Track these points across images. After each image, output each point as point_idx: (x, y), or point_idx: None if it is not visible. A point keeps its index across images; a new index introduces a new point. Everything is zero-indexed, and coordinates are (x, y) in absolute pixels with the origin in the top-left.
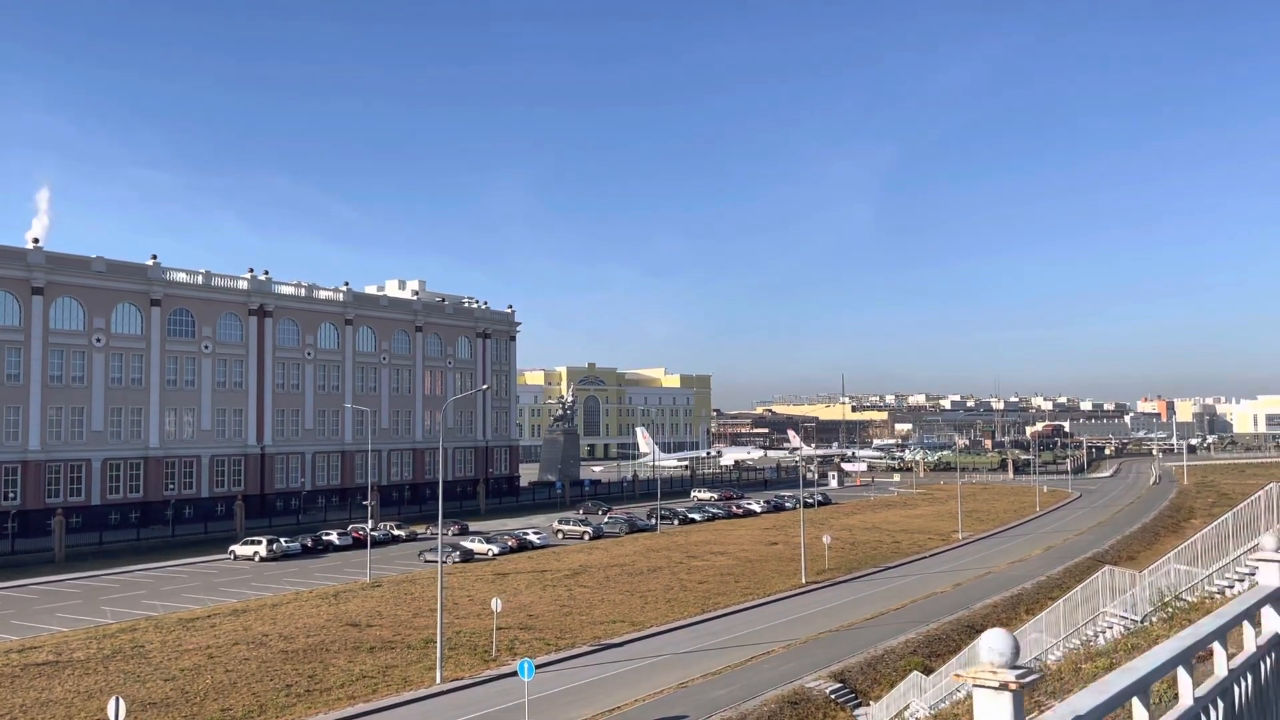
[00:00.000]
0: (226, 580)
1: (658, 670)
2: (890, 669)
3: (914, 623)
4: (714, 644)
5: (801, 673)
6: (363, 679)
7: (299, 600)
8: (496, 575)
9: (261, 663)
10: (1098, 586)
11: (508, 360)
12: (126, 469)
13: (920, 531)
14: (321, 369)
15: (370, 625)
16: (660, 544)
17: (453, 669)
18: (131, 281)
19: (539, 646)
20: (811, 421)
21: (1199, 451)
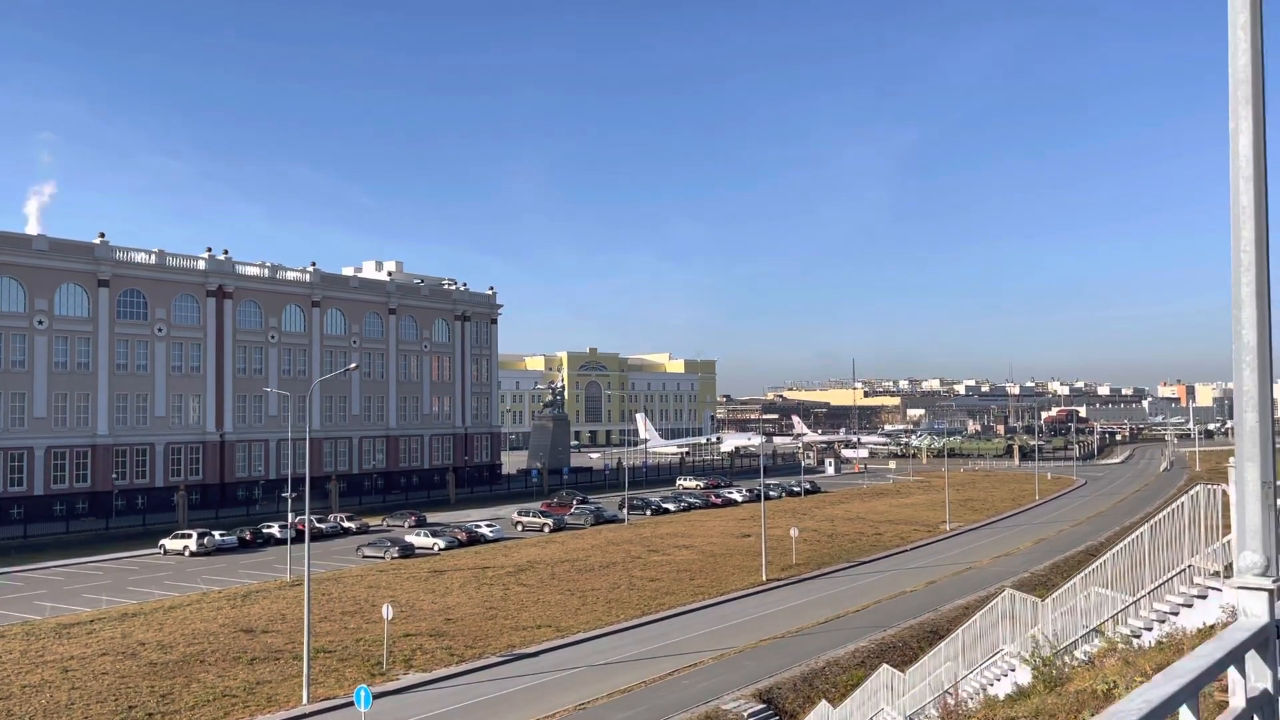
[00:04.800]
0: (141, 578)
1: (562, 686)
2: (829, 684)
3: (871, 627)
4: (640, 653)
5: (724, 690)
6: (223, 698)
7: (202, 602)
8: (432, 573)
9: (119, 678)
10: (996, 615)
11: (489, 344)
12: (72, 457)
13: (907, 522)
14: (287, 353)
15: (266, 632)
16: (623, 537)
17: (332, 685)
18: (77, 261)
19: (442, 657)
20: (823, 407)
21: (1216, 437)
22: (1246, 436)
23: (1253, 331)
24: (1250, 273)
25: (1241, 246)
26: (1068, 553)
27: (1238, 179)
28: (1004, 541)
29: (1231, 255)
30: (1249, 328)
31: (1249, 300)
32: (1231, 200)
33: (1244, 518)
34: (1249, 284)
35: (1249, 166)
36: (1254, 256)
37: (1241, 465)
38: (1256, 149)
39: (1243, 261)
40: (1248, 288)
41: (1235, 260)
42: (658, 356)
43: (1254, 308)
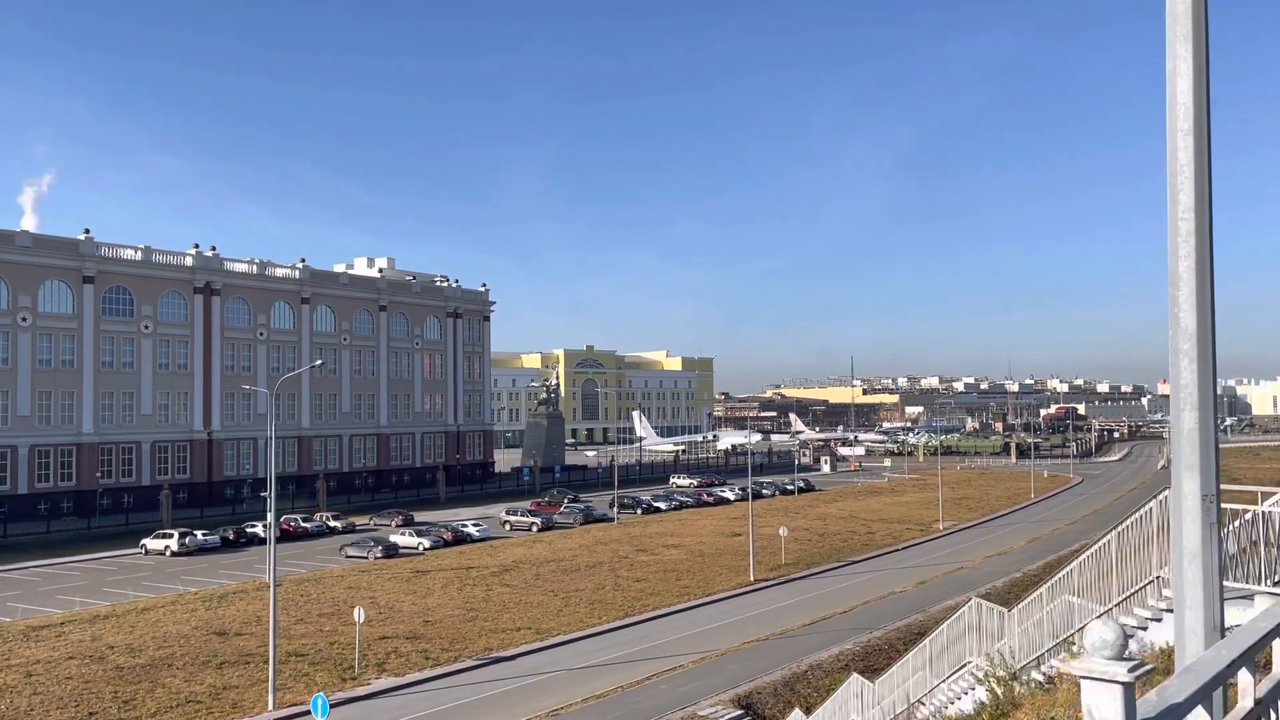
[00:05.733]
0: (119, 579)
1: (538, 691)
2: (811, 689)
3: (857, 629)
4: (620, 656)
5: (702, 695)
6: (186, 703)
7: (176, 604)
8: (415, 574)
9: (83, 683)
10: (963, 626)
11: (481, 341)
12: (57, 456)
13: (900, 521)
14: (275, 350)
15: (239, 634)
16: (612, 536)
17: (301, 690)
18: (61, 257)
19: (416, 660)
20: (821, 405)
21: None
22: (1184, 440)
23: (1191, 315)
24: (1189, 243)
25: (1179, 212)
26: (1060, 552)
27: (1175, 132)
28: (997, 540)
29: (1168, 223)
30: (1187, 310)
31: (1187, 277)
32: (1168, 158)
33: (1181, 538)
34: (1187, 257)
35: (1188, 117)
36: (1193, 224)
37: (1178, 475)
38: (1198, 96)
39: (1180, 230)
40: (1186, 261)
41: (1172, 228)
42: (655, 354)
43: (1193, 285)
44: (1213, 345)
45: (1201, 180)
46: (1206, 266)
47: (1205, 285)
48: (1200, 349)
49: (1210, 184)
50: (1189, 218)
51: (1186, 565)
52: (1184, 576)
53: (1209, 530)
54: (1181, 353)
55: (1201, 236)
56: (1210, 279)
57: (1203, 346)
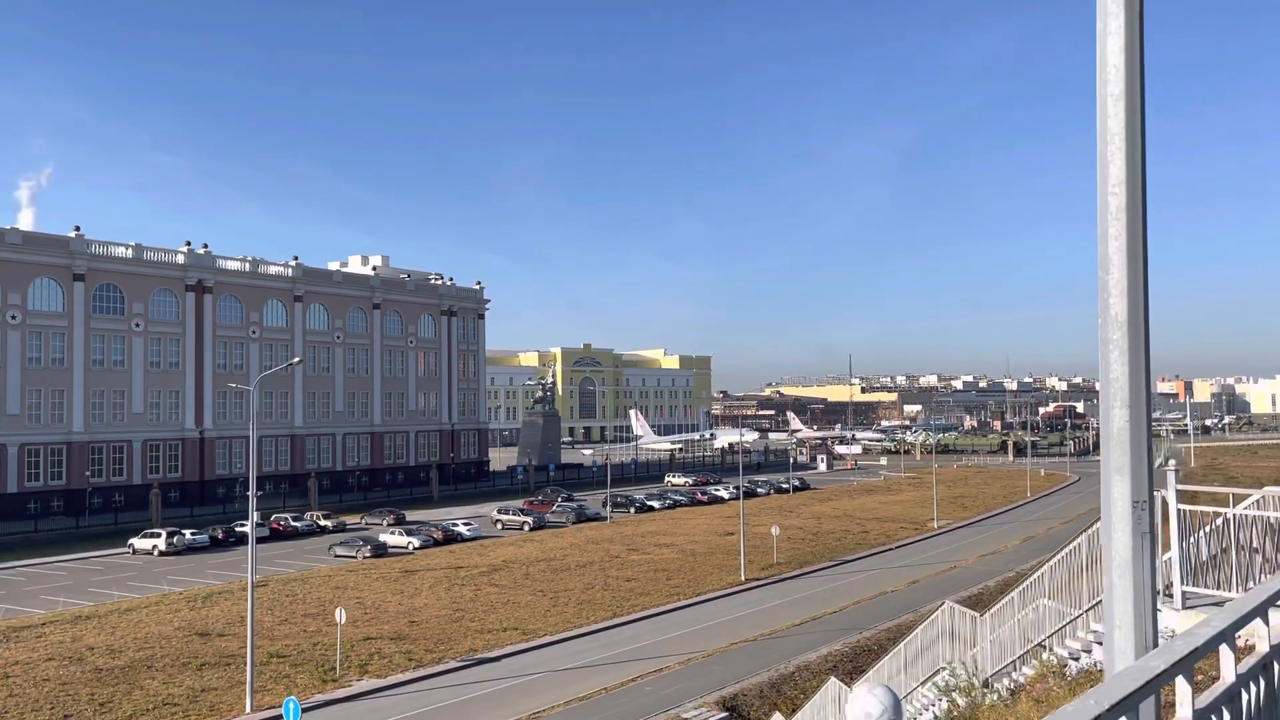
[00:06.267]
0: (104, 579)
1: (521, 693)
2: (797, 691)
3: (847, 630)
4: (606, 657)
5: (686, 697)
6: (163, 706)
7: (160, 604)
8: (403, 573)
9: (60, 684)
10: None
11: (476, 339)
12: (47, 454)
13: (895, 519)
14: (268, 348)
15: (222, 635)
16: (604, 535)
17: (281, 692)
18: (51, 255)
19: (400, 661)
20: (820, 403)
21: (1213, 432)
22: (1114, 440)
23: (1122, 301)
24: (1120, 221)
25: (1109, 186)
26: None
27: (1105, 98)
28: (992, 540)
29: (1098, 199)
30: (1117, 296)
31: (1118, 259)
32: (1098, 126)
33: (1110, 549)
34: (1118, 236)
35: (1119, 80)
36: (1124, 199)
37: (1108, 478)
38: (1130, 58)
39: (1110, 207)
40: (1116, 241)
41: (1101, 205)
42: (653, 352)
43: (1124, 269)
44: (1145, 335)
45: (1134, 151)
46: (1139, 248)
47: (1137, 269)
48: (1131, 339)
49: (1144, 155)
50: (1119, 192)
51: (1116, 579)
52: (1113, 592)
53: (1141, 540)
54: (1111, 343)
55: (1134, 214)
56: (1143, 261)
57: (1134, 336)
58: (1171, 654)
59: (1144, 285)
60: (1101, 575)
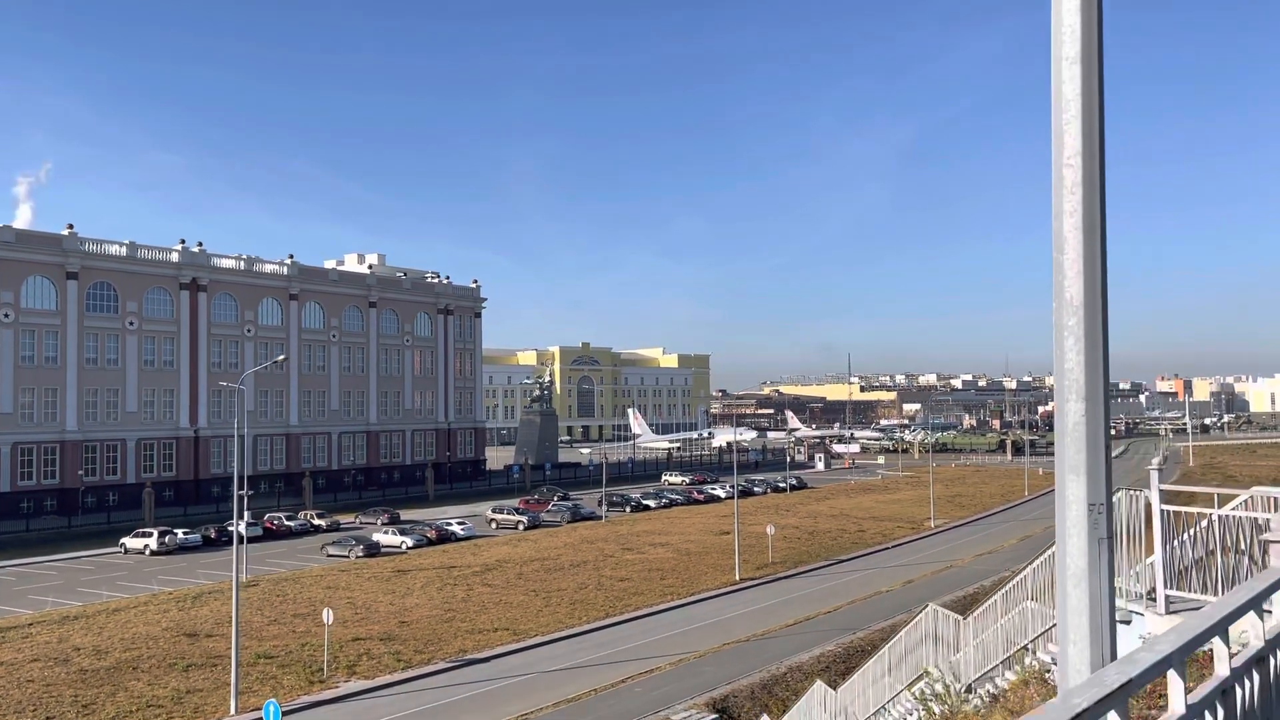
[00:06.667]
0: (94, 578)
1: (509, 695)
2: (789, 692)
3: (841, 630)
4: (597, 658)
5: (676, 699)
6: (147, 708)
7: (149, 604)
8: (395, 573)
9: (44, 686)
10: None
11: (473, 338)
12: (40, 454)
13: (892, 519)
14: (263, 347)
15: (210, 636)
16: (599, 534)
17: (267, 694)
18: (44, 253)
19: (388, 662)
20: (819, 402)
21: (1212, 431)
22: (1069, 436)
23: (1078, 283)
24: (1075, 196)
25: (1064, 157)
26: (1052, 550)
27: (1059, 61)
28: (988, 539)
29: (1052, 172)
30: (1073, 278)
31: (1073, 238)
32: (1053, 93)
33: (1064, 556)
34: (1073, 212)
35: (1075, 41)
36: (1080, 173)
37: (1062, 478)
38: (1087, 18)
39: (1065, 181)
40: (1072, 219)
41: (1056, 179)
42: (651, 351)
43: (1080, 248)
44: (1103, 321)
45: (1091, 121)
46: (1096, 225)
47: (1095, 248)
48: (1088, 325)
49: (1102, 126)
50: (1075, 164)
51: (1070, 589)
52: (1067, 603)
53: (1097, 547)
54: (1066, 330)
55: (1091, 189)
56: (1101, 240)
57: (1091, 323)
58: (1101, 687)
59: (1102, 266)
60: None
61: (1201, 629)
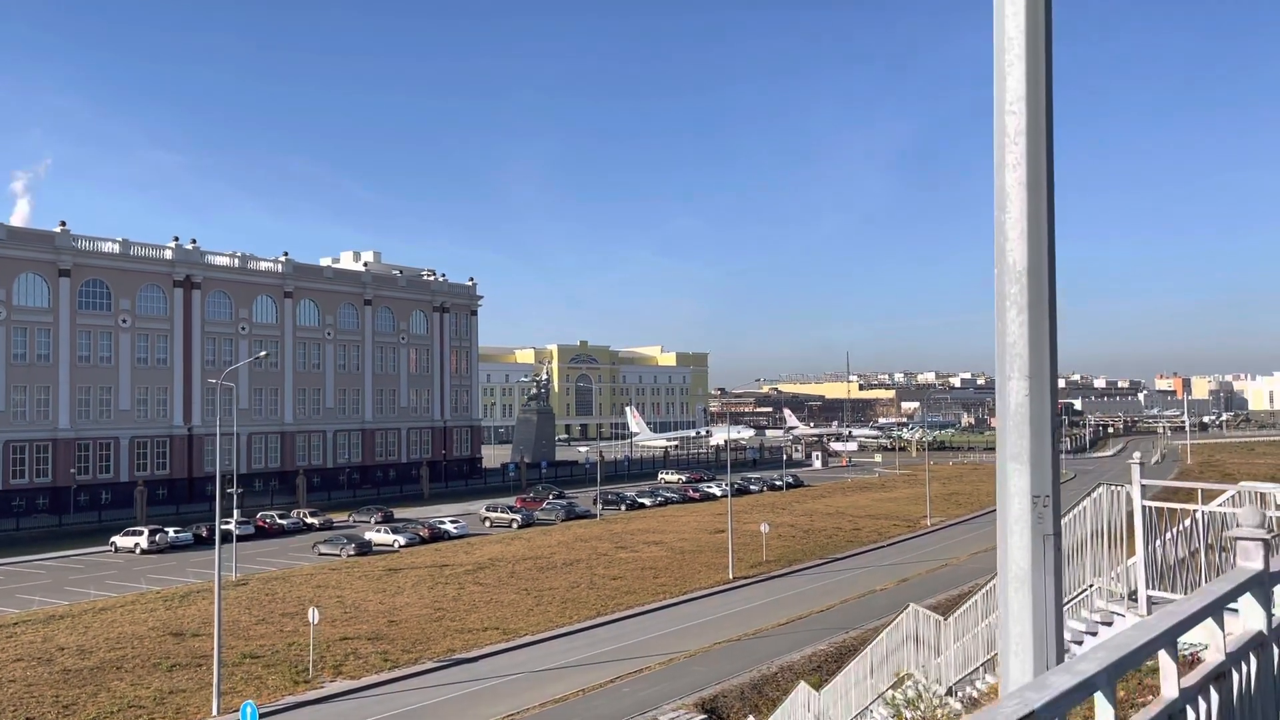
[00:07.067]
0: (83, 577)
1: (496, 695)
2: (779, 692)
3: (833, 629)
4: (587, 658)
5: (666, 699)
6: (129, 709)
7: (136, 603)
8: (387, 571)
9: (25, 686)
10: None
11: (469, 336)
12: (32, 451)
13: (888, 517)
14: (258, 345)
15: (196, 635)
16: (593, 533)
17: (250, 694)
18: (36, 250)
19: (375, 662)
20: (817, 400)
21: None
22: (1010, 419)
23: (1021, 246)
24: (1019, 146)
25: (1007, 103)
26: None
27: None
28: (984, 537)
29: (994, 121)
30: (1016, 240)
31: (1017, 193)
32: (995, 32)
33: (1005, 555)
34: (1017, 165)
35: None
36: (1025, 120)
37: (1003, 467)
38: None
39: (1008, 129)
40: (1015, 171)
41: (998, 128)
42: (649, 349)
43: (1024, 206)
44: (1050, 289)
45: (1037, 61)
46: (1043, 180)
47: (1040, 206)
48: (1033, 294)
49: (1049, 67)
50: (1019, 111)
51: (1012, 592)
52: (1009, 608)
53: (1042, 544)
54: (1008, 299)
55: (1036, 139)
56: (1047, 197)
57: (1036, 290)
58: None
59: (1049, 226)
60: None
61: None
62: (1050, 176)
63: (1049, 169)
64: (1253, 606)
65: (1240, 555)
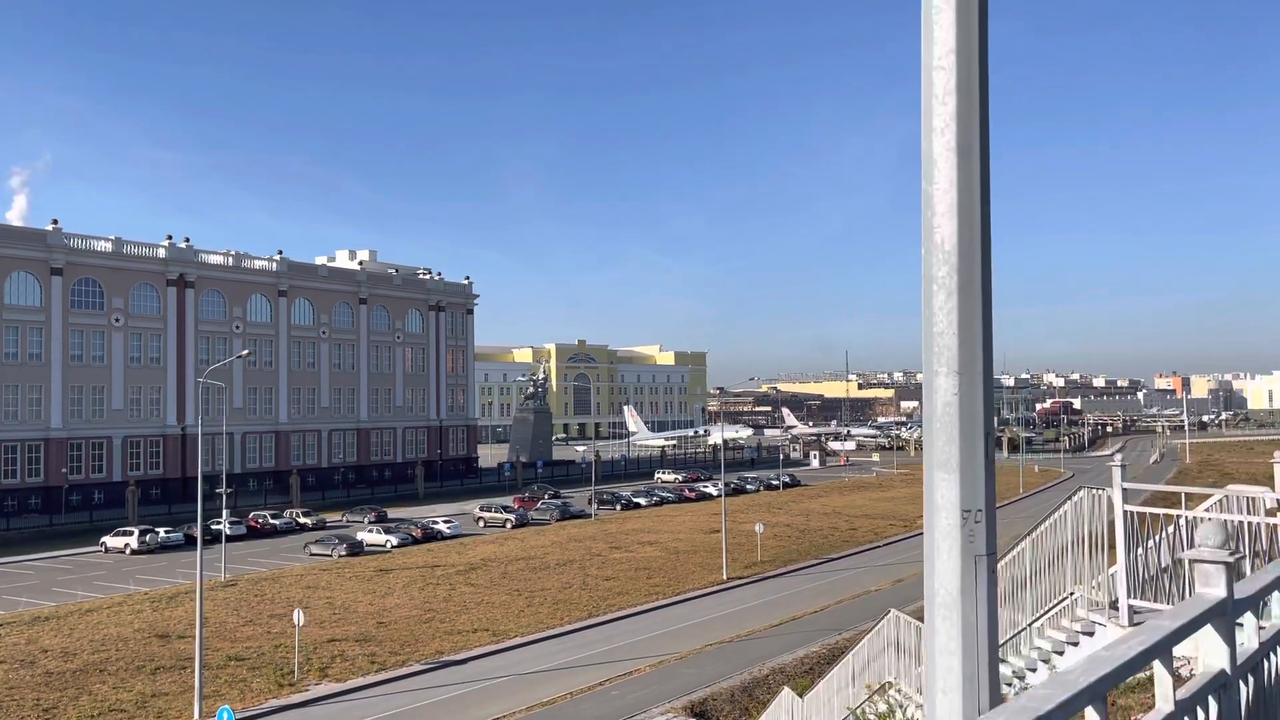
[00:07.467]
0: (71, 578)
1: (483, 698)
2: (770, 694)
3: (827, 630)
4: (576, 660)
5: (654, 702)
6: (109, 712)
7: (124, 604)
8: (378, 572)
9: (8, 689)
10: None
11: (465, 335)
12: (24, 451)
13: (885, 516)
14: (252, 344)
15: (182, 637)
16: (587, 533)
17: (234, 698)
18: (27, 248)
19: (362, 664)
20: (816, 399)
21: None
22: (938, 422)
23: (950, 222)
24: (948, 106)
25: (935, 57)
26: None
27: None
28: None
29: (921, 79)
30: (945, 213)
31: (946, 160)
32: None
33: (932, 578)
34: (946, 127)
35: None
36: (955, 76)
37: (930, 476)
38: None
39: (936, 87)
40: (944, 135)
41: (926, 86)
42: (648, 348)
43: (953, 174)
44: (984, 271)
45: (969, 10)
46: (975, 146)
47: (972, 175)
48: (963, 276)
49: (984, 12)
50: (948, 65)
51: (939, 622)
52: (935, 639)
53: (973, 566)
54: (936, 282)
55: (968, 98)
56: (981, 166)
57: (968, 273)
58: None
59: (982, 200)
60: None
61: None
62: (985, 141)
63: (983, 132)
64: (1214, 642)
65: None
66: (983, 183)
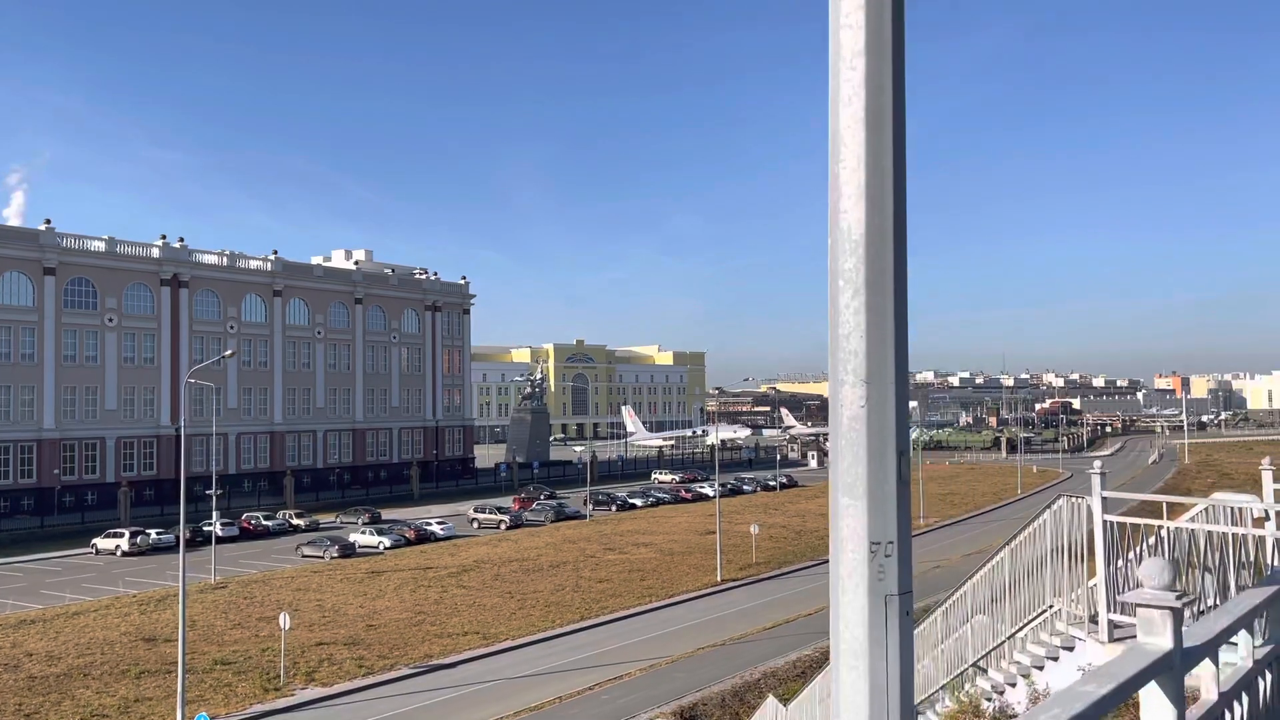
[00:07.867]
0: (60, 580)
1: (470, 702)
2: (762, 699)
3: (820, 633)
4: (567, 663)
5: (644, 706)
6: (92, 718)
7: (112, 607)
8: (369, 574)
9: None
10: None
11: (461, 335)
12: (16, 452)
13: None
14: (247, 344)
15: (169, 640)
16: (582, 534)
17: (219, 703)
18: (19, 248)
19: (350, 669)
20: (815, 399)
21: (1209, 428)
22: (843, 438)
23: (859, 207)
24: (857, 71)
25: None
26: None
27: None
28: (978, 538)
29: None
30: (853, 195)
31: (853, 134)
32: None
33: (837, 621)
34: (854, 97)
35: None
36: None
37: (835, 501)
38: None
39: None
40: (851, 106)
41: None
42: (647, 348)
43: (861, 149)
44: (898, 267)
45: None
46: (888, 117)
47: (883, 152)
48: (872, 271)
49: None
50: (856, 23)
51: (844, 671)
52: (841, 689)
53: (883, 606)
54: (842, 277)
55: (880, 60)
56: (895, 141)
57: (878, 265)
58: None
59: (895, 180)
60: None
61: None
62: (900, 112)
63: (897, 103)
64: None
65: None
66: (896, 161)
